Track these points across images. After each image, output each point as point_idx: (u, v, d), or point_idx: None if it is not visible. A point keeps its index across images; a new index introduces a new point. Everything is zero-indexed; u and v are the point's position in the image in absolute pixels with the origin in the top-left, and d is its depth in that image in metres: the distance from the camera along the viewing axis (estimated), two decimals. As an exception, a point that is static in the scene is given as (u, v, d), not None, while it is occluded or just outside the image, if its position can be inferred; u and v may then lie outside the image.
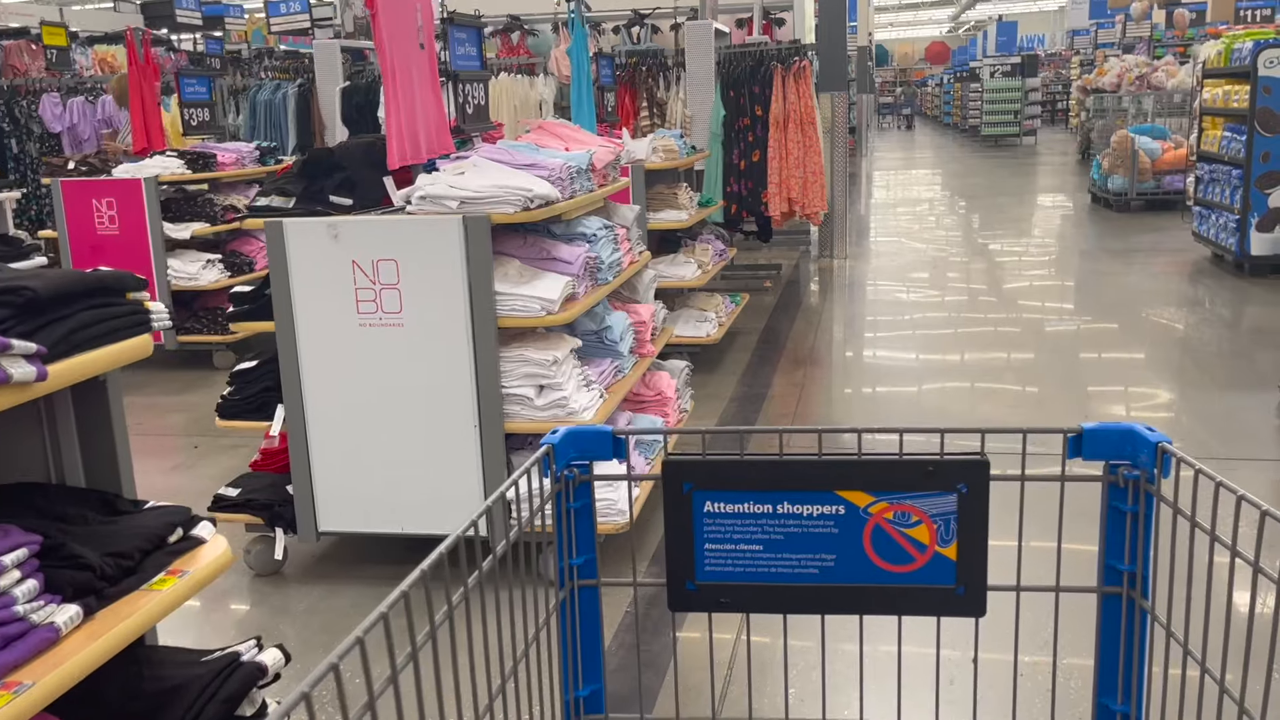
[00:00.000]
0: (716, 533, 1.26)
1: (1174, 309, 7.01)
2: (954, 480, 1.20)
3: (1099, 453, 1.25)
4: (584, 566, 1.38)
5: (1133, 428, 1.23)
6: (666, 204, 5.88)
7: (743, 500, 1.24)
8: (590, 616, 1.39)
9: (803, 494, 1.23)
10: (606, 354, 3.66)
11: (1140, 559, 1.25)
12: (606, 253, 3.67)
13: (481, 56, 3.96)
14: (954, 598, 1.24)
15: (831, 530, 1.24)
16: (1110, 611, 1.29)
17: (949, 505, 1.21)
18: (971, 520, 1.21)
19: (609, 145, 4.09)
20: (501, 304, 3.12)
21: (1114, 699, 1.31)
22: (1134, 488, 1.23)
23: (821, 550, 1.24)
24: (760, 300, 8.09)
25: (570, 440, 1.35)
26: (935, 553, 1.23)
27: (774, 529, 1.25)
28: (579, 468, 1.35)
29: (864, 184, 17.31)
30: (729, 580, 1.27)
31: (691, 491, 1.26)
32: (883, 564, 1.24)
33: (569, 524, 1.36)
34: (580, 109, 5.48)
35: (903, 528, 1.23)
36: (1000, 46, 34.25)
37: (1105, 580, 1.28)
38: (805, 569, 1.25)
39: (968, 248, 10.13)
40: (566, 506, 1.35)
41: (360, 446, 3.24)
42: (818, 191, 8.05)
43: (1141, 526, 1.24)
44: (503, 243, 3.41)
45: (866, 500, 1.23)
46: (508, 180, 3.10)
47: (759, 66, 7.91)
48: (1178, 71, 15.27)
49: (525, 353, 3.16)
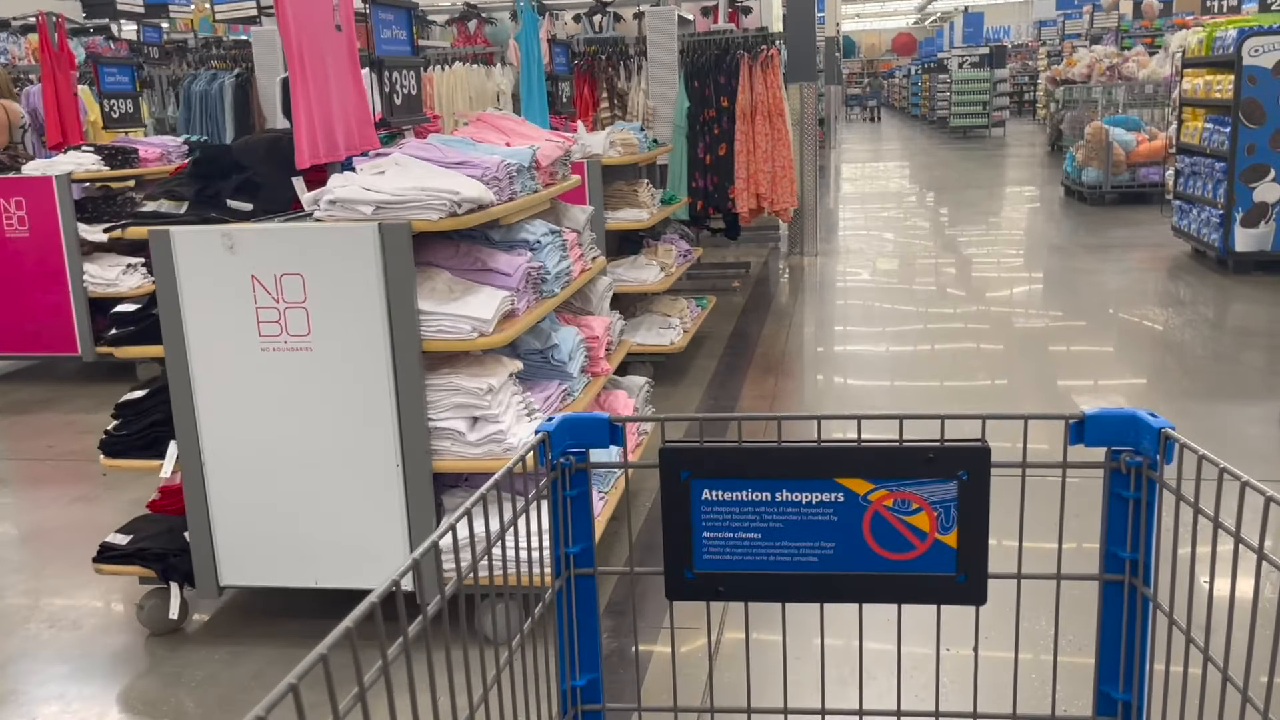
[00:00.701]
0: (714, 521, 1.25)
1: (1157, 309, 6.70)
2: (954, 467, 1.19)
3: (1101, 439, 1.24)
4: (580, 555, 1.36)
5: (1135, 413, 1.21)
6: (626, 202, 5.47)
7: (741, 488, 1.23)
8: (587, 605, 1.37)
9: (802, 481, 1.22)
10: (553, 375, 3.25)
11: (1142, 546, 1.24)
12: (553, 261, 3.25)
13: (413, 40, 3.53)
14: (955, 586, 1.23)
15: (831, 518, 1.23)
16: (1112, 599, 1.28)
17: (949, 492, 1.20)
18: (972, 507, 1.20)
19: (557, 140, 3.67)
20: (426, 324, 2.70)
21: (1115, 687, 1.31)
22: (1136, 474, 1.22)
23: (820, 538, 1.24)
24: (728, 301, 7.70)
25: (566, 427, 1.33)
26: (935, 540, 1.22)
27: (772, 517, 1.24)
28: (575, 455, 1.33)
29: (833, 177, 16.99)
30: (727, 569, 1.26)
31: (689, 479, 1.24)
32: (883, 552, 1.23)
33: (565, 512, 1.34)
34: (530, 100, 5.06)
35: (903, 515, 1.22)
36: (967, 38, 34.12)
37: (1107, 567, 1.27)
38: (804, 557, 1.25)
39: (941, 244, 9.81)
40: (563, 495, 1.33)
41: (265, 489, 2.81)
42: (787, 187, 7.67)
43: (1144, 513, 1.23)
44: (430, 252, 2.99)
45: (866, 488, 1.21)
46: (432, 181, 2.68)
47: (724, 55, 7.51)
48: (1149, 62, 15.06)
49: (455, 380, 2.74)
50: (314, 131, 2.91)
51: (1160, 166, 11.57)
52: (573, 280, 3.46)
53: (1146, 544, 1.23)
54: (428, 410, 2.73)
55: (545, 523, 1.74)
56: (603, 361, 3.60)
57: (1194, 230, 8.10)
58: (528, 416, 2.90)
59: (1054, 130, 19.61)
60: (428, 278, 2.83)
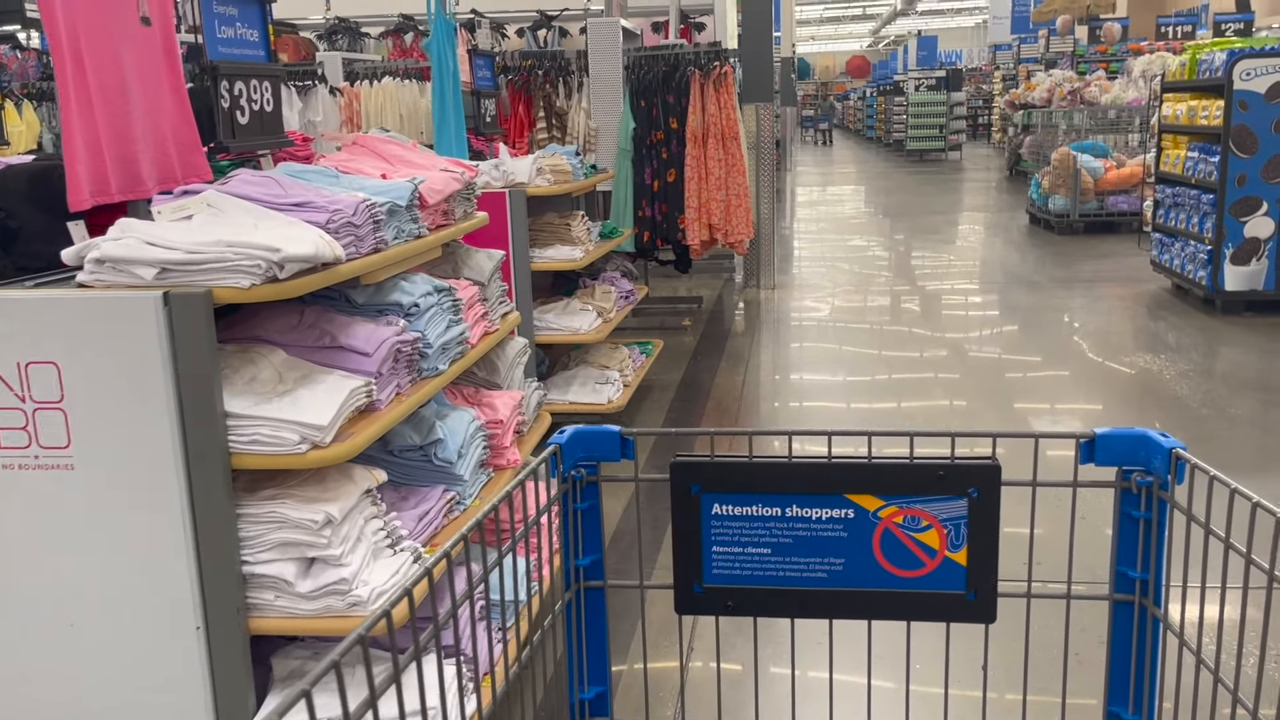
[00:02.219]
0: (724, 535, 1.24)
1: (1143, 354, 6.09)
2: (965, 485, 1.18)
3: (1112, 458, 1.22)
4: (590, 568, 1.34)
5: (1146, 433, 1.21)
6: (557, 238, 4.73)
7: (751, 503, 1.23)
8: (596, 618, 1.35)
9: (812, 497, 1.21)
10: (437, 478, 2.49)
11: (1153, 566, 1.23)
12: (437, 328, 2.49)
13: (268, 43, 2.77)
14: (964, 603, 1.21)
15: (841, 534, 1.22)
16: (1122, 618, 1.26)
17: (959, 510, 1.19)
18: (982, 525, 1.19)
19: (454, 170, 2.92)
20: (237, 432, 1.92)
21: (1125, 707, 1.29)
22: (1147, 494, 1.21)
23: (830, 554, 1.23)
24: (678, 342, 6.98)
25: (577, 440, 1.32)
26: (945, 558, 1.21)
27: (782, 532, 1.23)
28: (586, 468, 1.32)
29: (790, 202, 16.40)
30: (736, 583, 1.25)
31: (700, 494, 1.23)
32: (892, 569, 1.22)
33: (576, 525, 1.33)
34: (444, 120, 4.30)
35: (912, 532, 1.21)
36: (921, 61, 34.01)
37: (1117, 587, 1.25)
38: (814, 573, 1.24)
39: (904, 277, 9.18)
40: (573, 507, 1.32)
41: (18, 659, 2.01)
42: (742, 217, 6.98)
43: (1154, 533, 1.21)
44: (262, 323, 2.22)
45: (876, 504, 1.21)
46: (246, 233, 1.91)
47: (674, 72, 6.81)
48: (1111, 86, 14.68)
49: (281, 508, 1.97)
50: (99, 159, 2.13)
51: (1130, 195, 11.10)
52: (470, 350, 2.70)
53: (1157, 564, 1.22)
54: (240, 551, 1.95)
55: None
56: (510, 451, 2.84)
57: (1176, 265, 7.54)
58: (390, 548, 2.13)
59: (1012, 154, 19.29)
60: (249, 361, 2.06)
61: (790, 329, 7.23)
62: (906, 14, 38.79)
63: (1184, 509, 1.16)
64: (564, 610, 1.33)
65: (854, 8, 44.51)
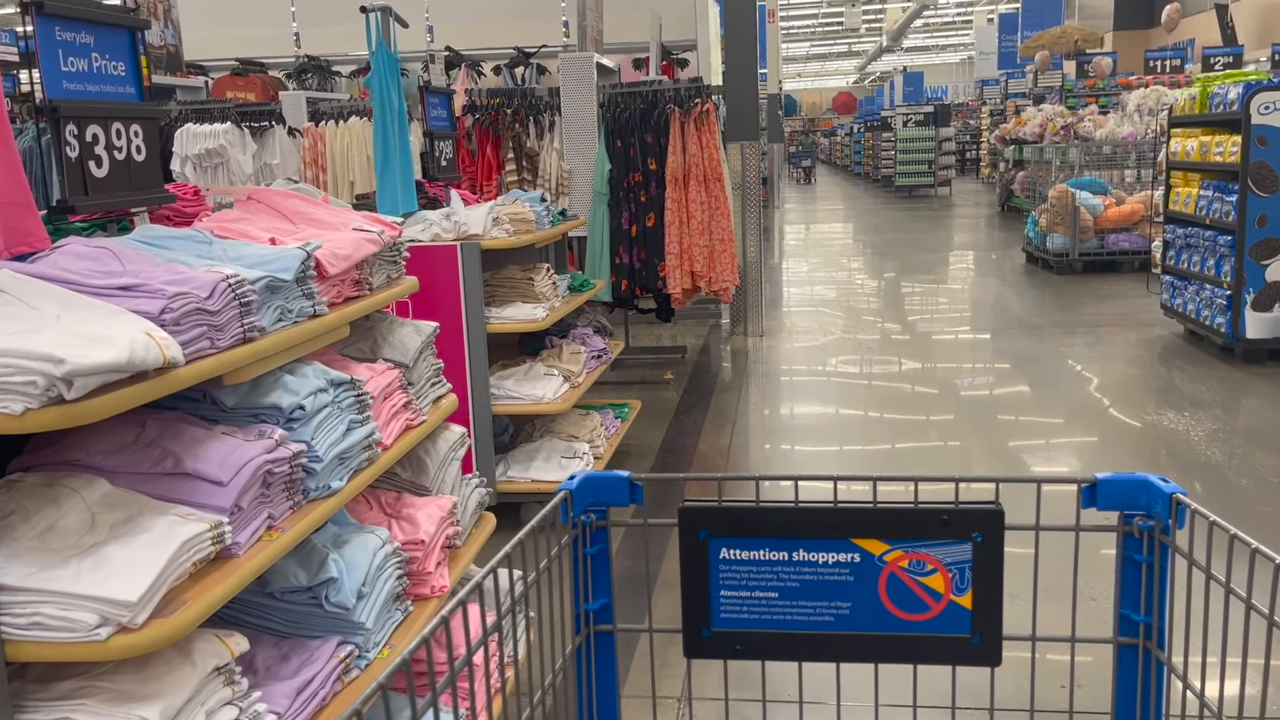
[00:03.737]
0: (732, 579, 1.25)
1: (1162, 410, 5.58)
2: (969, 529, 1.19)
3: (1113, 503, 1.23)
4: (600, 612, 1.34)
5: (1147, 478, 1.22)
6: (519, 294, 4.21)
7: (759, 547, 1.24)
8: (606, 662, 1.36)
9: (819, 541, 1.23)
10: (331, 626, 1.94)
11: (1156, 610, 1.24)
12: (331, 435, 1.96)
13: (139, 77, 2.26)
14: (970, 647, 1.22)
15: (847, 578, 1.23)
16: (1126, 662, 1.27)
17: (964, 554, 1.20)
18: (986, 569, 1.20)
19: (371, 228, 2.40)
20: (10, 611, 1.38)
21: None
22: (1148, 538, 1.22)
23: (837, 598, 1.24)
24: (660, 398, 6.46)
25: (587, 485, 1.32)
26: (950, 601, 1.21)
27: (789, 576, 1.24)
28: (595, 513, 1.32)
29: (778, 240, 15.96)
30: (745, 627, 1.26)
31: (708, 538, 1.24)
32: (898, 612, 1.23)
33: (585, 569, 1.32)
34: (387, 164, 3.80)
35: (918, 576, 1.21)
36: (907, 97, 33.89)
37: (1121, 631, 1.26)
38: (820, 616, 1.24)
39: (899, 321, 8.70)
40: (583, 552, 1.31)
41: None
42: (727, 263, 6.48)
43: (1157, 577, 1.22)
44: (84, 440, 1.68)
45: (882, 548, 1.22)
46: (22, 340, 1.38)
47: (652, 110, 6.34)
48: (1105, 121, 14.33)
49: (76, 713, 1.42)
50: None
51: (1131, 233, 10.67)
52: (382, 454, 2.17)
53: (1160, 608, 1.23)
54: (18, 776, 1.40)
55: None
56: (436, 575, 2.30)
57: (1190, 310, 7.07)
58: (246, 748, 1.58)
59: (1004, 190, 18.96)
60: (51, 501, 1.52)
61: (779, 383, 6.71)
62: (892, 50, 38.82)
63: (1185, 553, 1.18)
64: (574, 654, 1.33)
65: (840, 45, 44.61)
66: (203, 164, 6.37)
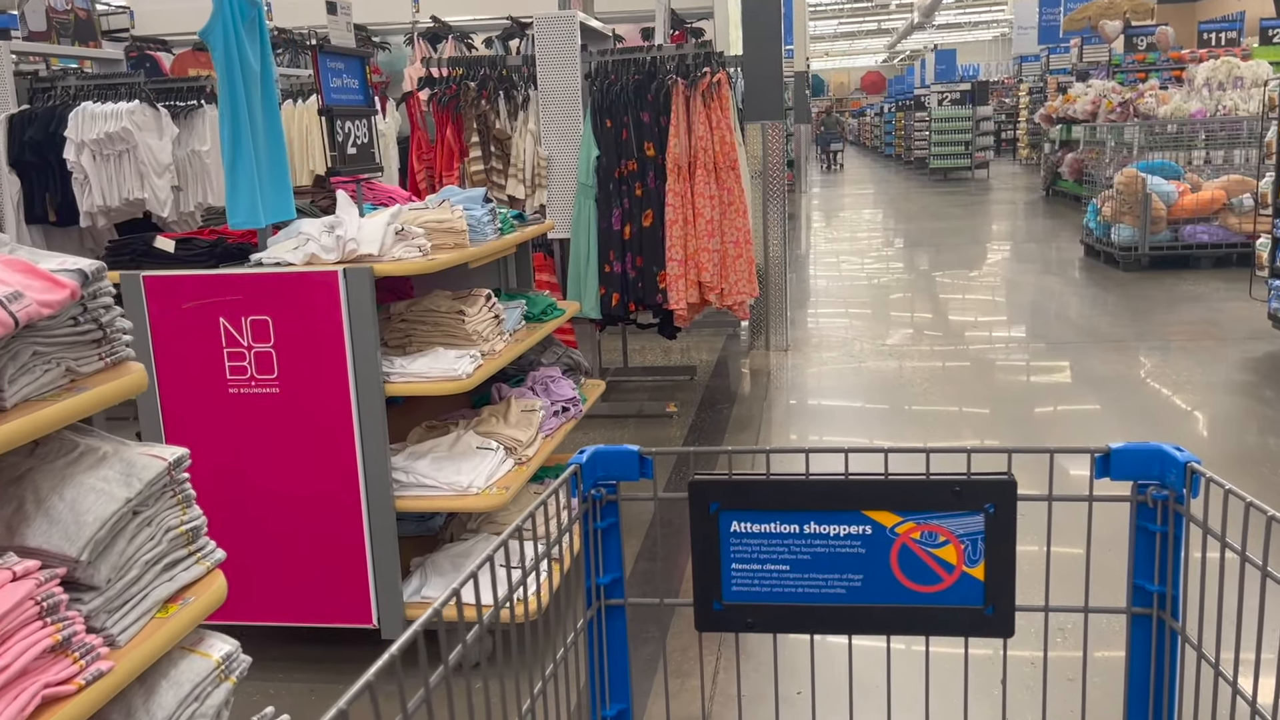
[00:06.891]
0: (743, 553, 1.25)
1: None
2: (981, 500, 1.20)
3: (1127, 472, 1.23)
4: (611, 586, 1.35)
5: (1161, 447, 1.21)
6: (443, 333, 3.01)
7: (769, 520, 1.24)
8: (617, 635, 1.37)
9: (830, 514, 1.23)
10: None
11: (1170, 580, 1.23)
12: None
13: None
14: (982, 618, 1.23)
15: (858, 550, 1.23)
16: (1140, 633, 1.26)
17: (976, 525, 1.21)
18: (999, 540, 1.20)
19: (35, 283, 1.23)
20: None
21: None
22: (1163, 508, 1.21)
23: (848, 570, 1.24)
24: (660, 437, 5.27)
25: (597, 459, 1.32)
26: (963, 573, 1.22)
27: (801, 549, 1.24)
28: (606, 487, 1.33)
29: (804, 231, 14.66)
30: (756, 600, 1.26)
31: (718, 511, 1.24)
32: (910, 584, 1.23)
33: (596, 543, 1.34)
34: (238, 151, 2.62)
35: (930, 548, 1.22)
36: (940, 75, 32.23)
37: (1134, 601, 1.26)
38: (832, 589, 1.25)
39: (947, 330, 7.44)
40: (594, 526, 1.33)
41: None
42: (742, 271, 5.27)
43: (1171, 547, 1.22)
44: None
45: (893, 520, 1.22)
46: None
47: (650, 82, 5.12)
48: (1169, 97, 12.91)
49: None
50: None
51: (1210, 224, 9.33)
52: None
53: (1174, 577, 1.22)
54: None
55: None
56: None
57: (1309, 323, 5.78)
58: None
59: (1049, 173, 17.56)
60: None
61: (807, 418, 5.50)
62: (923, 27, 37.15)
63: (1200, 522, 1.16)
64: (585, 629, 1.33)
65: (868, 22, 42.95)
66: (103, 151, 5.21)
